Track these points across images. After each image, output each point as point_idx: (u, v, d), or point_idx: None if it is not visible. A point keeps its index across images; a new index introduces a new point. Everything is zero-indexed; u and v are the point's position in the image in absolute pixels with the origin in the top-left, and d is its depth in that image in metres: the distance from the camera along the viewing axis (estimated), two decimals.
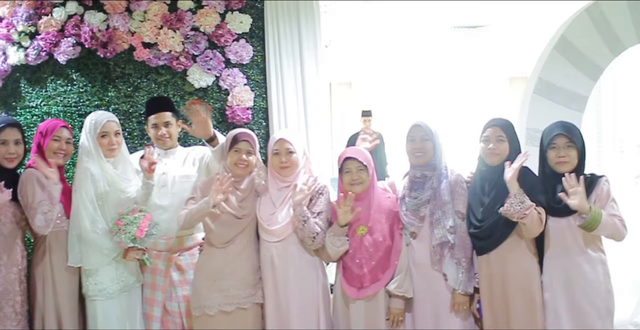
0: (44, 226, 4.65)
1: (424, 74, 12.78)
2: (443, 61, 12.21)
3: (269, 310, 4.70)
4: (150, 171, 4.87)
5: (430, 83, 13.00)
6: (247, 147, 4.70)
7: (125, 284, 4.84)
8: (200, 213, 4.61)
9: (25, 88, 6.12)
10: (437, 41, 11.22)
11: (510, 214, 4.34)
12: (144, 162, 4.87)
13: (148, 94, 6.01)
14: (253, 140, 4.73)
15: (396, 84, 13.08)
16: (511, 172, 4.39)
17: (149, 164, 4.84)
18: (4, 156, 4.75)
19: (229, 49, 6.07)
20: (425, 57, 12.01)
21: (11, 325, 4.63)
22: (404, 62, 12.18)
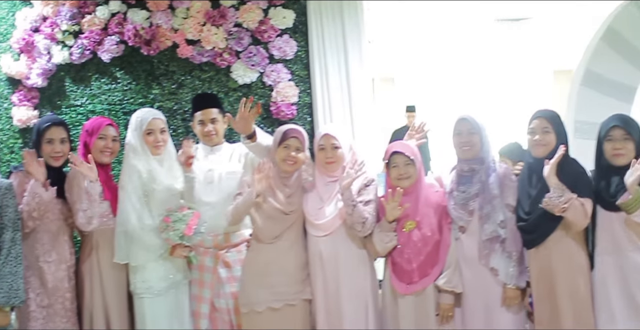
0: (84, 223, 4.66)
1: (467, 68, 12.70)
2: (486, 55, 12.12)
3: (318, 307, 4.68)
4: (188, 165, 4.87)
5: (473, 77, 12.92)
6: (296, 144, 4.67)
7: (173, 281, 4.83)
8: (246, 204, 4.62)
9: (69, 87, 6.14)
10: (481, 35, 11.15)
11: (551, 208, 4.29)
12: (181, 157, 4.88)
13: (192, 91, 6.03)
14: (302, 137, 4.71)
15: (439, 79, 13.02)
16: (548, 166, 4.32)
17: (187, 158, 4.84)
18: (49, 155, 4.75)
19: (273, 44, 6.06)
20: (469, 51, 11.93)
21: (61, 322, 4.65)
22: (447, 57, 12.12)
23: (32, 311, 4.61)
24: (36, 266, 4.65)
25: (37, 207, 4.52)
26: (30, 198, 4.50)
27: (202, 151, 5.16)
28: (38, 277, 4.65)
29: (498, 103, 12.92)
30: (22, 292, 4.42)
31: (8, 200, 4.47)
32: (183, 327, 4.86)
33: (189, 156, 4.86)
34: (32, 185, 4.51)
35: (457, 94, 12.81)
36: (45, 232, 4.69)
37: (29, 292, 4.60)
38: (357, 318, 4.63)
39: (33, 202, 4.50)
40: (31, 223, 4.58)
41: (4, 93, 6.17)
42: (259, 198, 4.60)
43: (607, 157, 4.41)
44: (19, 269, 4.42)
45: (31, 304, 4.61)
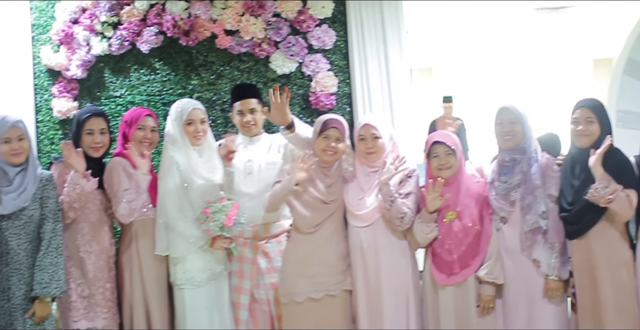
0: (126, 215, 4.68)
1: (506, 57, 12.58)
2: (525, 44, 12.01)
3: (359, 297, 4.67)
4: (228, 159, 4.87)
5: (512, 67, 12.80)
6: (336, 134, 4.65)
7: (213, 272, 4.82)
8: (284, 192, 4.63)
9: (109, 78, 6.16)
10: (520, 24, 11.05)
11: (596, 199, 4.24)
12: (222, 150, 4.87)
13: (231, 82, 6.03)
14: (342, 127, 4.69)
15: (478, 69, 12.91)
16: (594, 157, 4.27)
17: (227, 153, 4.84)
18: (89, 146, 4.78)
19: (312, 34, 6.04)
20: (508, 41, 11.83)
21: (101, 312, 4.67)
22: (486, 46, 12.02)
23: (73, 301, 4.64)
24: (77, 256, 4.68)
25: (78, 198, 4.54)
26: (71, 189, 4.52)
27: (241, 142, 5.14)
28: (79, 268, 4.68)
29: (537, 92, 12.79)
30: (62, 283, 4.45)
31: (49, 191, 4.51)
32: (223, 318, 4.86)
33: (230, 151, 4.85)
34: (73, 176, 4.54)
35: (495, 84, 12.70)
36: (85, 222, 4.71)
37: (70, 282, 4.63)
38: (397, 309, 4.61)
39: (74, 193, 4.52)
40: (72, 214, 4.60)
41: (44, 85, 6.19)
42: (298, 187, 4.59)
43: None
44: (59, 259, 4.45)
45: (72, 294, 4.64)
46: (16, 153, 4.42)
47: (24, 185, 4.45)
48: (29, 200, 4.42)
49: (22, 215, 4.42)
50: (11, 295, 4.38)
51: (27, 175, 4.47)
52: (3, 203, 4.39)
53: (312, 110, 5.96)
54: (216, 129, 5.59)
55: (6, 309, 4.38)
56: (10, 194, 4.41)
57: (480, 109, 10.53)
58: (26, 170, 4.48)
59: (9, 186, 4.43)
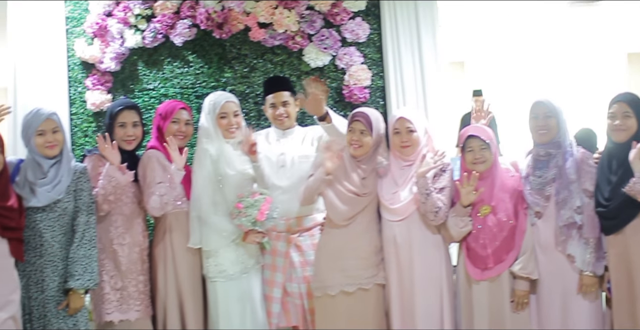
0: (157, 208, 4.69)
1: (540, 51, 12.50)
2: (559, 38, 11.93)
3: (392, 291, 4.66)
4: (252, 153, 4.85)
5: (546, 60, 12.72)
6: (360, 127, 4.65)
7: (245, 265, 4.83)
8: (316, 183, 4.65)
9: (142, 70, 6.17)
10: (553, 17, 10.97)
11: (635, 194, 4.20)
12: (244, 146, 4.85)
13: (264, 75, 6.01)
14: (368, 120, 4.65)
15: (510, 63, 12.83)
16: (635, 151, 4.22)
17: (249, 146, 4.82)
18: (122, 138, 4.79)
19: (345, 27, 6.01)
20: (541, 34, 11.75)
21: (134, 305, 4.69)
22: (519, 40, 11.94)
23: (106, 293, 4.67)
24: (110, 249, 4.71)
25: (114, 191, 4.56)
26: (107, 181, 4.54)
27: (274, 135, 5.15)
28: (112, 260, 4.70)
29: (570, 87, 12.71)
30: (96, 275, 4.48)
31: (83, 184, 4.53)
32: (255, 311, 4.85)
33: (252, 144, 4.84)
34: (108, 168, 4.56)
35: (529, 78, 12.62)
36: (119, 215, 4.73)
37: (103, 274, 4.66)
38: (430, 303, 4.60)
39: (109, 185, 4.54)
40: (106, 206, 4.62)
41: (77, 77, 6.21)
42: (330, 176, 4.60)
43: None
44: (93, 252, 4.48)
45: (105, 287, 4.66)
46: (51, 145, 4.45)
47: (58, 177, 4.48)
48: (63, 192, 4.45)
49: (56, 208, 4.45)
50: (45, 287, 4.41)
51: (62, 167, 4.50)
52: (37, 195, 4.42)
53: (346, 103, 5.94)
54: (249, 122, 5.58)
55: (40, 300, 4.41)
56: (44, 187, 4.44)
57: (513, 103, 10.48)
58: (60, 163, 4.51)
59: (44, 178, 4.46)
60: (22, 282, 4.37)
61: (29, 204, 4.40)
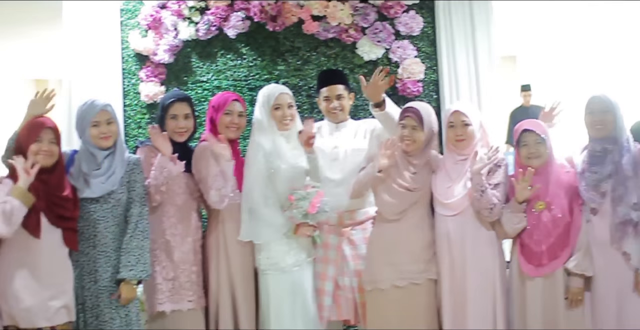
0: (218, 201, 4.69)
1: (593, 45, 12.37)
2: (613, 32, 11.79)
3: (444, 286, 4.63)
4: (308, 145, 4.83)
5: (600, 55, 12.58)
6: (411, 123, 4.62)
7: (297, 258, 4.80)
8: (367, 179, 4.63)
9: (196, 63, 6.20)
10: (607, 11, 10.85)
11: None
12: (302, 137, 4.83)
13: (317, 68, 6.03)
14: (419, 115, 4.61)
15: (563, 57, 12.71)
16: None
17: (307, 138, 4.80)
18: (174, 130, 4.79)
19: (399, 20, 6.00)
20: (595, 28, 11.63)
21: (187, 295, 4.69)
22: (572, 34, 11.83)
23: (158, 284, 4.67)
24: (163, 239, 4.71)
25: (165, 181, 4.57)
26: (159, 172, 4.55)
27: (327, 128, 5.13)
28: (164, 251, 4.71)
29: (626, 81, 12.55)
30: (148, 266, 4.49)
31: (136, 175, 4.55)
32: (306, 304, 4.82)
33: (310, 136, 4.83)
34: (160, 159, 4.57)
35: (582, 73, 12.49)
36: (171, 205, 4.74)
37: (155, 265, 4.67)
38: (482, 299, 4.56)
39: (161, 176, 4.55)
40: (158, 197, 4.63)
41: (131, 69, 6.27)
42: (382, 173, 4.57)
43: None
44: (145, 243, 4.50)
45: (157, 277, 4.67)
46: (105, 137, 4.47)
47: (112, 169, 4.50)
48: (116, 184, 4.47)
49: (110, 199, 4.47)
50: (98, 277, 4.44)
51: (115, 159, 4.52)
52: (91, 186, 4.45)
53: (399, 97, 5.92)
54: (302, 115, 5.55)
55: (93, 290, 4.44)
56: (98, 178, 4.46)
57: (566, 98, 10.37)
58: (114, 154, 4.53)
59: (98, 170, 4.49)
60: (75, 272, 4.41)
61: (83, 195, 4.43)
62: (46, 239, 4.26)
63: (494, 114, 6.14)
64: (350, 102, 5.12)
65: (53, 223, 4.29)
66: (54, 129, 4.34)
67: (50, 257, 4.29)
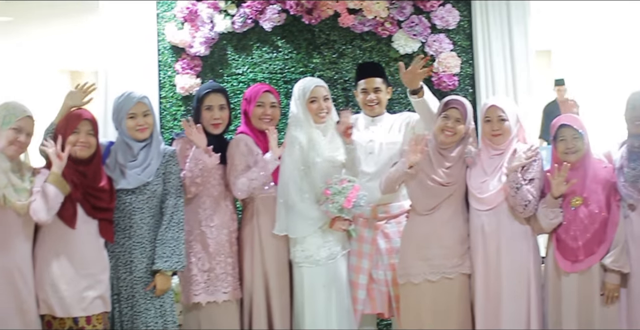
0: (245, 190, 4.71)
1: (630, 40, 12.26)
2: None
3: (477, 281, 4.62)
4: (347, 135, 4.82)
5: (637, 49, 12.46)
6: (456, 115, 4.60)
7: (332, 251, 4.80)
8: (398, 174, 4.62)
9: (231, 55, 6.21)
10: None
11: None
12: (340, 127, 4.83)
13: (353, 61, 6.02)
14: (464, 109, 4.62)
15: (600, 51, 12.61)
16: None
17: (345, 128, 4.79)
18: (209, 121, 4.82)
19: (435, 14, 5.97)
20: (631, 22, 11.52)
21: (222, 287, 4.72)
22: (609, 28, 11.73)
23: (194, 275, 4.71)
24: (198, 231, 4.75)
25: (201, 173, 4.59)
26: (194, 164, 4.58)
27: (363, 121, 5.13)
28: (200, 242, 4.74)
29: None
30: (183, 257, 4.53)
31: (172, 167, 4.58)
32: (341, 297, 4.82)
33: (348, 126, 4.82)
34: (195, 151, 4.59)
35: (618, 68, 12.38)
36: (207, 197, 4.77)
37: (191, 256, 4.71)
38: (517, 294, 4.54)
39: (196, 168, 4.57)
40: (194, 189, 4.66)
41: (167, 61, 6.28)
42: (412, 169, 4.56)
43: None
44: (180, 234, 4.53)
45: (193, 268, 4.71)
46: (141, 128, 4.50)
47: (148, 160, 4.54)
48: (152, 175, 4.51)
49: (145, 190, 4.50)
50: (133, 268, 4.49)
51: (151, 150, 4.56)
52: (127, 177, 4.49)
53: (434, 90, 5.87)
54: (337, 108, 5.54)
55: (128, 281, 4.48)
56: (134, 169, 4.50)
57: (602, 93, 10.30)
58: (150, 146, 4.56)
59: (134, 161, 4.53)
60: (111, 262, 4.46)
61: (119, 186, 4.48)
62: (82, 229, 4.32)
63: (529, 109, 6.10)
64: (387, 96, 5.11)
65: (89, 214, 4.35)
66: (92, 120, 4.38)
67: (87, 247, 4.34)
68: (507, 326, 4.52)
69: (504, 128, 4.54)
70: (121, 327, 4.50)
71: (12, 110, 4.23)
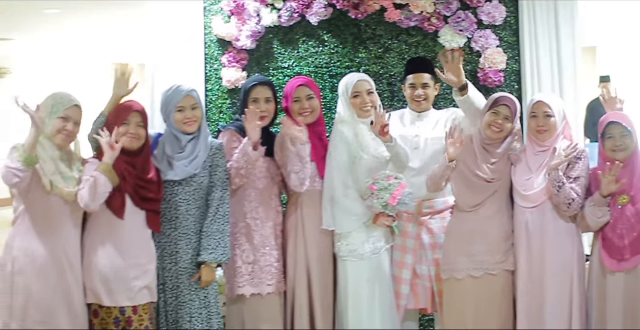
0: (298, 185, 4.73)
1: None
2: None
3: (520, 278, 4.62)
4: (384, 134, 4.78)
5: None
6: (506, 112, 4.60)
7: (376, 246, 4.82)
8: (441, 170, 4.64)
9: (277, 49, 6.22)
10: None
11: None
12: (375, 127, 4.78)
13: (399, 56, 5.99)
14: (514, 107, 4.62)
15: None
16: None
17: (381, 127, 4.76)
18: None
19: (482, 9, 5.92)
20: None
21: (266, 279, 4.75)
22: None
23: (239, 267, 4.74)
24: (244, 223, 4.78)
25: (246, 165, 4.62)
26: (241, 156, 4.60)
27: (409, 117, 5.15)
28: (245, 234, 4.78)
29: None
30: (228, 250, 4.57)
31: (219, 160, 4.62)
32: (384, 291, 4.85)
33: (384, 125, 4.79)
34: (245, 143, 4.61)
35: None
36: (253, 189, 4.80)
37: (236, 248, 4.75)
38: (560, 292, 4.54)
39: (242, 160, 4.60)
40: (238, 180, 4.69)
41: (214, 54, 6.30)
42: (453, 163, 4.58)
43: None
44: (226, 227, 4.57)
45: (237, 261, 4.74)
46: (190, 122, 4.54)
47: (195, 152, 4.58)
48: (199, 167, 4.55)
49: (192, 182, 4.55)
50: (179, 259, 4.54)
51: (199, 143, 4.60)
52: (175, 169, 4.54)
53: (480, 86, 5.82)
54: (383, 103, 5.57)
55: (174, 271, 4.54)
56: (182, 161, 4.55)
57: None
58: (198, 139, 4.61)
59: (181, 153, 4.57)
60: (157, 253, 4.52)
61: (167, 178, 4.53)
62: (131, 220, 4.37)
63: (576, 106, 6.06)
64: (435, 92, 5.13)
65: (138, 205, 4.40)
66: (142, 112, 4.43)
67: (135, 238, 4.40)
68: (550, 325, 4.52)
69: (550, 124, 4.52)
70: (166, 318, 4.56)
71: (60, 99, 4.29)
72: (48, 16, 9.56)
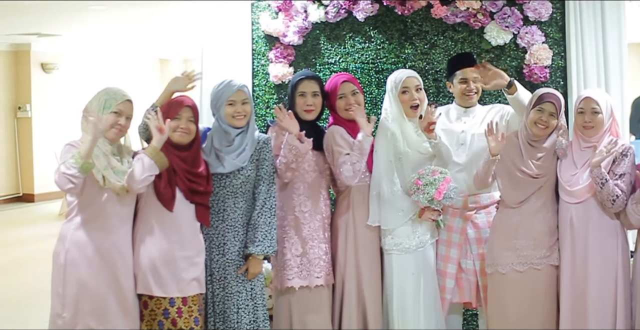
0: (351, 176, 4.74)
1: None
2: None
3: (564, 274, 4.62)
4: (429, 131, 4.79)
5: None
6: (550, 109, 4.59)
7: (421, 240, 4.85)
8: (485, 165, 4.67)
9: (324, 45, 6.27)
10: None
11: None
12: (422, 123, 4.81)
13: (444, 52, 6.02)
14: (559, 103, 4.61)
15: None
16: None
17: (428, 124, 4.78)
18: (302, 108, 4.89)
19: (528, 6, 5.91)
20: None
21: (315, 272, 4.79)
22: None
23: (287, 260, 4.80)
24: (292, 216, 4.84)
25: (295, 159, 4.66)
26: (288, 150, 4.65)
27: (455, 112, 5.16)
28: (293, 227, 4.83)
29: None
30: (275, 242, 4.63)
31: (265, 154, 4.67)
32: (429, 285, 4.88)
33: (430, 122, 4.80)
34: (288, 137, 4.66)
35: None
36: (301, 182, 4.85)
37: (284, 241, 4.81)
38: (604, 289, 4.53)
39: (290, 154, 4.64)
40: (289, 174, 4.74)
41: (261, 50, 6.38)
42: (496, 157, 4.61)
43: None
44: (272, 220, 4.63)
45: (286, 253, 4.80)
46: (239, 116, 4.59)
47: (243, 146, 4.64)
48: (246, 160, 4.61)
49: (239, 175, 4.61)
50: (226, 250, 4.61)
51: (247, 137, 4.65)
52: (223, 162, 4.60)
53: (525, 82, 5.84)
54: (429, 99, 5.59)
55: (221, 263, 4.61)
56: (230, 154, 4.61)
57: None
58: (246, 133, 4.66)
59: (229, 146, 4.62)
60: (204, 244, 4.58)
61: (215, 170, 4.60)
62: (180, 212, 4.44)
63: (621, 103, 6.04)
64: None
65: (187, 198, 4.47)
66: (192, 107, 4.50)
67: (184, 230, 4.47)
68: (593, 322, 4.52)
69: (597, 120, 4.52)
70: (213, 308, 4.63)
71: (112, 94, 4.37)
72: (94, 12, 9.66)
